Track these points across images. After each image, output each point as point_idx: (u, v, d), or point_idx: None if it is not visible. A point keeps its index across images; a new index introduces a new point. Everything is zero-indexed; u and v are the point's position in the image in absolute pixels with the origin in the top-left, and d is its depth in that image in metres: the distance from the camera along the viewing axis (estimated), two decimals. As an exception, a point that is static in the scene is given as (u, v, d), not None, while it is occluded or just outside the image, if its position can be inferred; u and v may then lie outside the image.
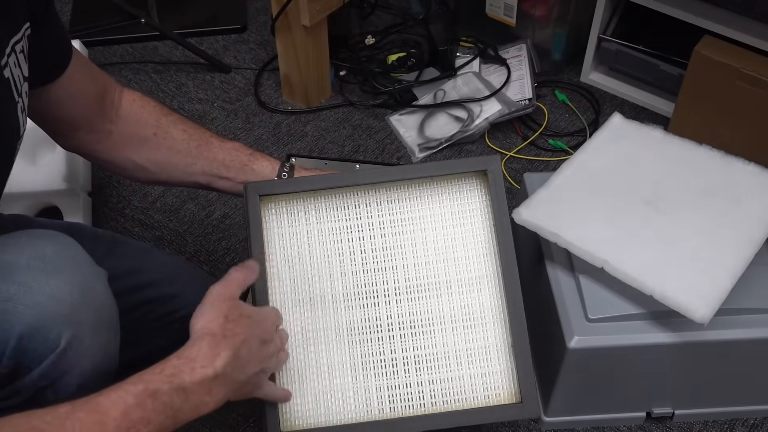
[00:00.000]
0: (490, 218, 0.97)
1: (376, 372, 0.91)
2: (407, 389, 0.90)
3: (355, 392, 0.90)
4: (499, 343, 0.91)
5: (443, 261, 0.96)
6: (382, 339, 0.92)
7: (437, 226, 0.97)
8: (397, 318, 0.93)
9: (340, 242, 0.96)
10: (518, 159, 1.60)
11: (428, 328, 0.93)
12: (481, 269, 0.96)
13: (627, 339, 1.05)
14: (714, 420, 1.21)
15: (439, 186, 0.99)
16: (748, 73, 1.40)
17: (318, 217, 0.97)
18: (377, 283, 0.94)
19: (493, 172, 0.96)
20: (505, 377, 0.90)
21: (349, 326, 0.93)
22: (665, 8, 1.53)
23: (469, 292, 0.95)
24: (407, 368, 0.91)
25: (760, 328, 1.07)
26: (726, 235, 1.06)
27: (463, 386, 0.90)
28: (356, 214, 0.97)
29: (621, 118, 1.24)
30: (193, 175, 1.06)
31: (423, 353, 0.92)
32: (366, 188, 0.97)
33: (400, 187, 0.98)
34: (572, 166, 1.17)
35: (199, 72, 1.79)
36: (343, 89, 1.74)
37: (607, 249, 1.05)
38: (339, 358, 0.92)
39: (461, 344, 0.92)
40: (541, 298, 1.14)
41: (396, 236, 0.96)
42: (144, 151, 1.04)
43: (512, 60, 1.70)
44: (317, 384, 0.91)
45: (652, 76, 1.65)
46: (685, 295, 1.00)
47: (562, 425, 1.19)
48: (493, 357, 0.91)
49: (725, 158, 1.16)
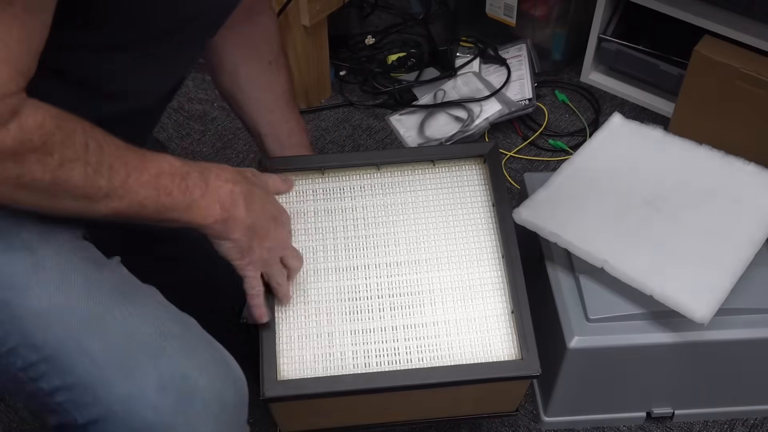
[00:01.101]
0: (490, 198, 1.00)
1: (375, 336, 0.91)
2: (406, 349, 0.91)
3: (354, 353, 0.90)
4: (499, 311, 0.92)
5: (444, 237, 0.98)
6: (382, 305, 0.93)
7: (438, 205, 1.00)
8: (397, 286, 0.94)
9: (345, 219, 0.99)
10: (518, 159, 1.60)
11: (428, 296, 0.94)
12: (481, 245, 0.97)
13: (627, 339, 1.06)
14: (714, 420, 1.21)
15: (440, 169, 1.03)
16: (748, 73, 1.40)
17: (325, 196, 1.00)
18: (379, 256, 0.96)
19: (491, 155, 1.01)
20: (505, 339, 0.90)
21: (350, 292, 0.94)
22: (665, 8, 1.53)
23: (468, 266, 0.96)
24: (407, 331, 0.92)
25: (760, 328, 1.07)
26: (726, 235, 1.06)
27: (462, 348, 0.90)
28: (361, 193, 1.01)
29: (621, 118, 1.24)
30: (257, 122, 1.07)
31: (423, 320, 0.92)
32: (371, 169, 1.02)
33: (404, 168, 1.02)
34: (572, 166, 1.17)
35: (199, 72, 1.79)
36: (343, 89, 1.74)
37: (607, 249, 1.05)
38: (340, 321, 0.93)
39: (461, 313, 0.93)
40: (541, 298, 1.14)
41: (398, 214, 0.99)
42: (251, 67, 1.04)
43: (512, 60, 1.70)
44: (317, 345, 0.91)
45: (652, 76, 1.65)
46: (685, 295, 1.00)
47: (562, 425, 1.19)
48: (493, 323, 0.91)
49: (725, 158, 1.16)
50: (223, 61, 1.04)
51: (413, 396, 0.93)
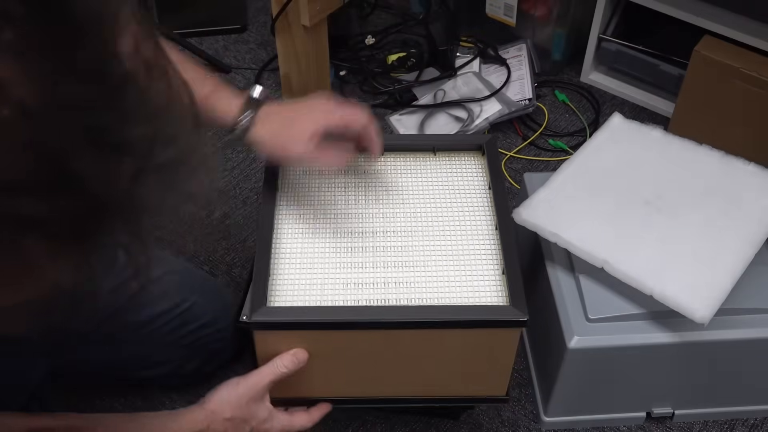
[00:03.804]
0: (487, 182, 1.03)
1: (367, 290, 0.92)
2: (396, 301, 0.91)
3: (345, 302, 0.92)
4: (491, 273, 0.94)
5: (441, 212, 1.01)
6: (376, 264, 0.95)
7: (437, 187, 1.04)
8: (392, 249, 0.96)
9: (346, 194, 1.03)
10: (518, 159, 1.60)
11: (422, 257, 0.95)
12: (477, 219, 1.00)
13: (627, 339, 1.06)
14: (714, 420, 1.21)
15: (440, 157, 1.08)
16: (748, 73, 1.40)
17: (328, 173, 1.05)
18: (376, 223, 0.99)
19: (489, 145, 1.07)
20: (495, 294, 0.92)
21: (347, 250, 0.96)
22: (665, 8, 1.53)
23: (463, 235, 0.98)
24: (399, 287, 0.93)
25: (760, 328, 1.07)
26: (726, 235, 1.06)
27: (452, 301, 0.92)
28: (364, 173, 1.05)
29: (621, 118, 1.24)
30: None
31: (415, 277, 0.93)
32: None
33: (406, 155, 1.08)
34: (572, 166, 1.17)
35: (199, 72, 1.79)
36: (343, 89, 1.74)
37: (607, 249, 1.05)
38: (334, 272, 0.94)
39: (453, 272, 0.94)
40: (541, 298, 1.14)
41: (398, 192, 1.03)
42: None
43: (512, 60, 1.70)
44: (307, 293, 0.92)
45: (652, 76, 1.65)
46: (685, 295, 1.00)
47: (562, 425, 1.19)
48: (484, 281, 0.93)
49: (725, 158, 1.16)
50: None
51: (399, 346, 0.93)
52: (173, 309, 1.10)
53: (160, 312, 1.09)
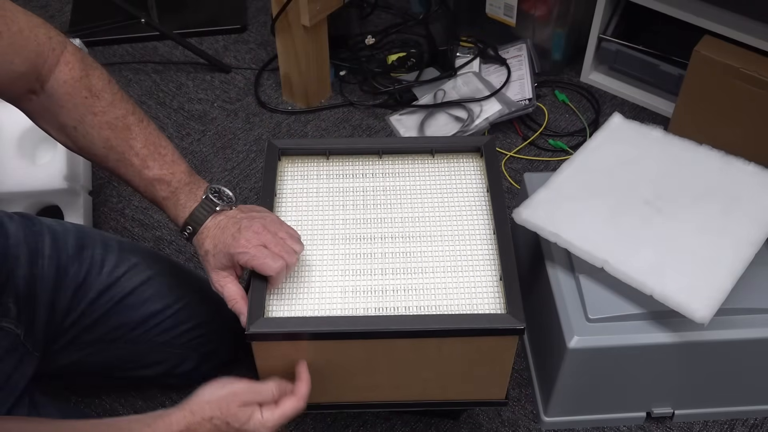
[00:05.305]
0: (485, 185, 1.04)
1: (365, 296, 0.92)
2: (395, 310, 0.91)
3: (343, 311, 0.91)
4: (488, 279, 0.94)
5: (439, 216, 1.01)
6: (374, 270, 0.95)
7: (435, 190, 1.04)
8: (391, 255, 0.97)
9: (344, 198, 1.03)
10: (518, 159, 1.60)
11: (420, 264, 0.95)
12: (474, 223, 1.00)
13: (627, 339, 1.06)
14: (714, 420, 1.21)
15: (438, 160, 1.08)
16: (748, 73, 1.40)
17: (328, 177, 1.05)
18: (375, 228, 1.00)
19: (487, 146, 1.07)
20: (492, 301, 0.91)
21: (344, 256, 0.96)
22: (665, 8, 1.53)
23: (461, 240, 0.98)
24: (397, 295, 0.93)
25: (760, 328, 1.07)
26: (726, 235, 1.06)
27: (450, 309, 0.92)
28: (362, 176, 1.06)
29: (621, 118, 1.24)
30: (108, 171, 0.97)
31: (413, 284, 0.93)
32: (373, 157, 1.08)
33: (404, 158, 1.08)
34: (572, 166, 1.17)
35: (199, 72, 1.79)
36: (343, 89, 1.74)
37: (607, 249, 1.05)
38: (332, 280, 0.94)
39: (451, 279, 0.94)
40: (541, 298, 1.14)
41: (397, 196, 1.03)
42: (63, 135, 0.93)
43: (512, 60, 1.70)
44: (306, 300, 0.92)
45: (652, 76, 1.65)
46: (685, 295, 1.00)
47: (562, 425, 1.19)
48: (481, 288, 0.93)
49: (725, 158, 1.16)
50: (46, 130, 0.95)
51: (397, 354, 0.93)
52: (166, 309, 1.10)
53: (154, 312, 1.10)
